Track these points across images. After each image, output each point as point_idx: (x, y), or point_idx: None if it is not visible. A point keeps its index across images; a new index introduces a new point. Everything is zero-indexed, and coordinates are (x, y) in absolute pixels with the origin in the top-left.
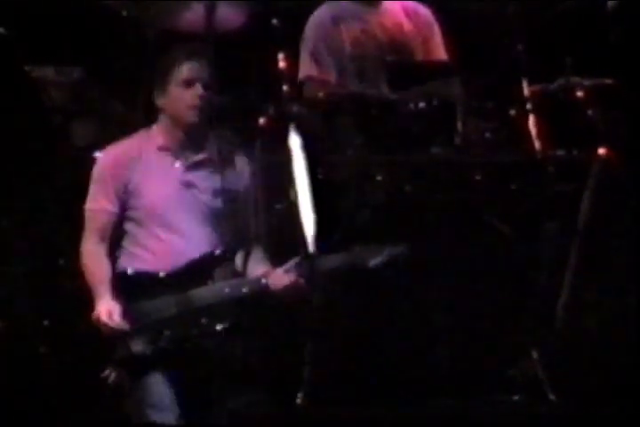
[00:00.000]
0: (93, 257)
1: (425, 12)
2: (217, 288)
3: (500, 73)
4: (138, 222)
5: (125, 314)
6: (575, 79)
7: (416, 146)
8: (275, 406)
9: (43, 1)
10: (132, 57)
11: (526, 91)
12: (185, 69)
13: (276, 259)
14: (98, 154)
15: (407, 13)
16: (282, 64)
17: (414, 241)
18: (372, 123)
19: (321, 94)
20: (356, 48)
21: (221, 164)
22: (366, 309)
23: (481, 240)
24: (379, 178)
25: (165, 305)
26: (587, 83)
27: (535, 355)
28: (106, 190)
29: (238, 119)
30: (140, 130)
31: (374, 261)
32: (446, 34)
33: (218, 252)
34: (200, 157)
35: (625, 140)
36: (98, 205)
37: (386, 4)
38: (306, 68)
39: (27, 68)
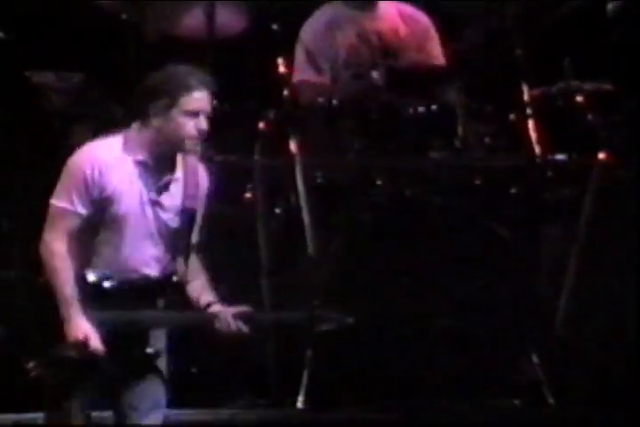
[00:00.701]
0: (65, 261)
1: (422, 17)
2: (165, 315)
3: (499, 77)
4: (100, 230)
5: None
6: (575, 83)
7: (416, 150)
8: (275, 409)
9: (43, 6)
10: (131, 60)
11: (526, 95)
12: (194, 99)
13: (276, 264)
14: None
15: (403, 18)
16: (282, 69)
17: (415, 244)
18: (372, 127)
19: (321, 99)
20: (351, 54)
21: (186, 184)
22: (366, 311)
23: (480, 244)
24: (379, 182)
25: (109, 319)
26: (587, 86)
27: (535, 358)
28: (82, 193)
29: (238, 124)
30: (117, 133)
31: (324, 327)
32: (446, 37)
33: (168, 273)
34: (171, 177)
35: (625, 144)
36: (72, 206)
37: (382, 9)
38: (301, 72)
39: (27, 73)
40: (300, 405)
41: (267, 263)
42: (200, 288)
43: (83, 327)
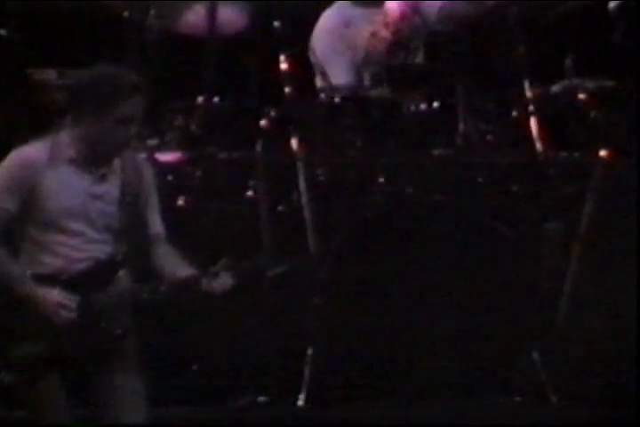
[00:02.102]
0: (4, 253)
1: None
2: (118, 292)
3: (501, 74)
4: (42, 228)
5: None
6: (577, 81)
7: (417, 147)
8: (276, 407)
9: (45, 4)
10: (133, 58)
11: (528, 93)
12: (128, 106)
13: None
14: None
15: (406, 4)
16: (283, 66)
17: (416, 241)
18: (374, 124)
19: (322, 96)
20: (370, 51)
21: (125, 175)
22: (367, 311)
23: (482, 241)
24: (380, 180)
25: (53, 298)
26: (589, 85)
27: (536, 356)
28: (12, 190)
29: (240, 121)
30: (49, 134)
31: (275, 270)
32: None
33: (118, 257)
34: (106, 170)
35: (626, 141)
36: (1, 203)
37: (387, 3)
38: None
39: (29, 70)
40: (301, 403)
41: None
42: (180, 267)
43: (53, 294)
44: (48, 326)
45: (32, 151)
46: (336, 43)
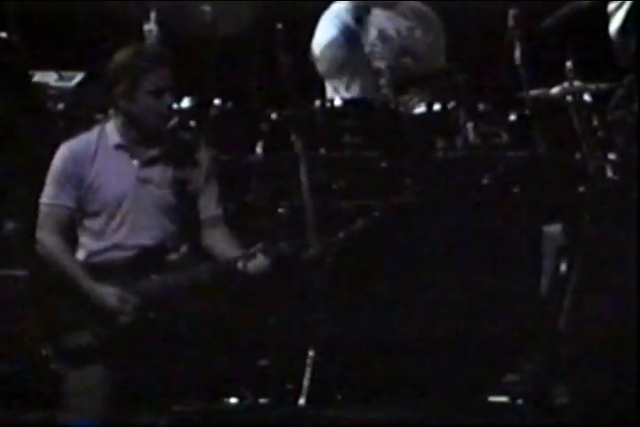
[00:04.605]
0: (60, 248)
1: (432, 15)
2: (165, 279)
3: (502, 76)
4: (95, 217)
5: None
6: (577, 83)
7: (418, 149)
8: (277, 408)
9: (45, 4)
10: None
11: (529, 94)
12: (157, 78)
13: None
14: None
15: (417, 17)
16: (284, 68)
17: (416, 243)
18: (374, 126)
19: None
20: (375, 54)
21: (177, 158)
22: (368, 311)
23: (483, 243)
24: (380, 181)
25: (113, 296)
26: (589, 87)
27: (536, 356)
28: (65, 186)
29: (241, 123)
30: (96, 126)
31: (308, 254)
32: (447, 35)
33: (167, 243)
34: (155, 152)
35: (626, 143)
36: (58, 200)
37: (399, 8)
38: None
39: (29, 72)
40: (302, 403)
41: None
42: (228, 250)
43: (111, 290)
44: (98, 317)
45: (77, 144)
46: (338, 56)
